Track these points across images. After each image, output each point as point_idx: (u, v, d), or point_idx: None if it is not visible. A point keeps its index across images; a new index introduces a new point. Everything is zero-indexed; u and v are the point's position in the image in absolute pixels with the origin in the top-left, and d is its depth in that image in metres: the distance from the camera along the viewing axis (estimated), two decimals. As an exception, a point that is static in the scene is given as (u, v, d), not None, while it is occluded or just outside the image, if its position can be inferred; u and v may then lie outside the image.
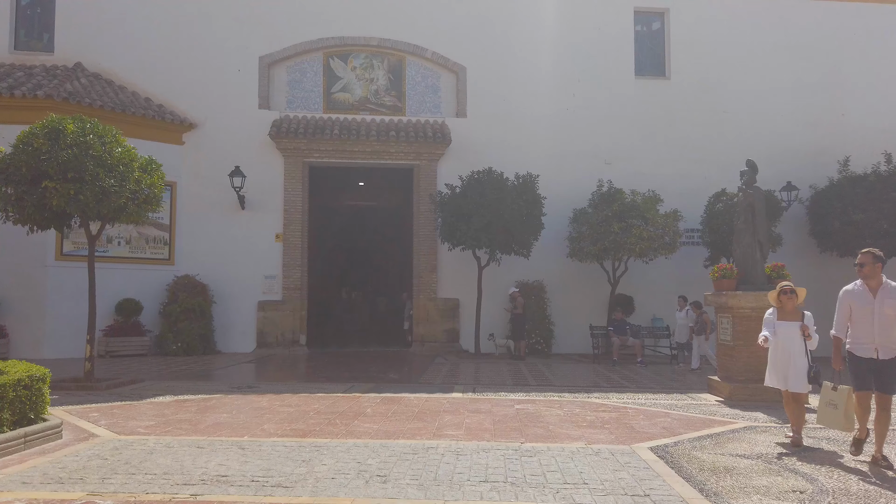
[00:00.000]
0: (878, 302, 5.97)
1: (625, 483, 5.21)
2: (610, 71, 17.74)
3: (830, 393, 6.26)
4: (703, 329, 13.90)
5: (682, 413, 8.56)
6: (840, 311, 6.27)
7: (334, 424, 7.47)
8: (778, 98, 17.90)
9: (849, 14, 18.23)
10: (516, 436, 6.96)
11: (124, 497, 4.78)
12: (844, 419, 6.12)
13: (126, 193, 9.90)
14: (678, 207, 15.87)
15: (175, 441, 6.56)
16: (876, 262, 6.05)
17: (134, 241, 15.86)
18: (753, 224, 10.14)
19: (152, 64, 16.61)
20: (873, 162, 16.38)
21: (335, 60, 17.50)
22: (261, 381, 11.50)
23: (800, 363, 6.71)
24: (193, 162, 16.53)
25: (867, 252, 6.16)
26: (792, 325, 6.83)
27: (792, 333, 6.79)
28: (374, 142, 16.65)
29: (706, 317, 13.87)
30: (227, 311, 16.21)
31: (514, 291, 15.51)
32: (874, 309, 5.98)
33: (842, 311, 6.24)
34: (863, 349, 6.05)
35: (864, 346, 6.04)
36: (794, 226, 17.01)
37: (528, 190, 15.40)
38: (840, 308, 6.28)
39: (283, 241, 16.70)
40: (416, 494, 4.87)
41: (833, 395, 6.22)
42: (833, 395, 6.22)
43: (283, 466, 5.60)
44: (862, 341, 6.06)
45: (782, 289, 6.96)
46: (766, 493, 5.03)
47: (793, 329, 6.81)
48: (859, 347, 6.08)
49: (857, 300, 6.11)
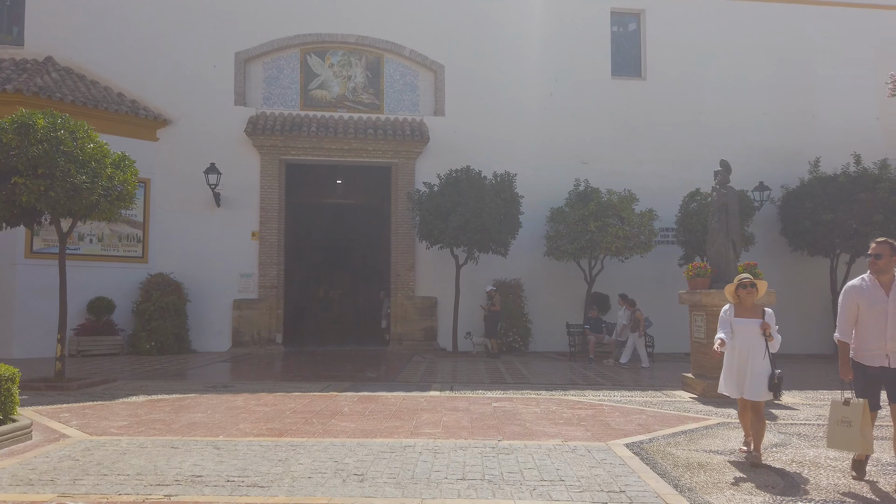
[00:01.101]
0: (893, 300, 5.11)
1: (601, 479, 5.26)
2: (587, 71, 17.87)
3: (842, 409, 5.19)
4: (636, 326, 14.11)
5: (656, 410, 8.67)
6: (845, 312, 5.28)
7: (311, 423, 7.42)
8: (751, 100, 18.19)
9: (820, 18, 18.58)
10: (494, 433, 6.98)
11: (96, 498, 4.70)
12: (862, 440, 5.09)
13: (98, 190, 9.73)
14: (653, 207, 16.05)
15: (148, 441, 6.47)
16: (894, 255, 5.14)
17: (106, 238, 15.60)
18: (727, 223, 10.29)
19: (126, 59, 16.35)
20: (843, 163, 16.74)
21: (312, 57, 17.38)
22: (236, 381, 11.39)
23: (759, 367, 5.84)
24: (168, 158, 16.30)
25: (884, 242, 5.22)
26: (751, 324, 5.95)
27: (751, 333, 5.92)
28: (351, 139, 16.58)
29: (639, 314, 14.15)
30: (203, 310, 16.03)
31: (491, 289, 15.58)
32: (888, 309, 5.09)
33: (847, 311, 5.26)
34: (871, 356, 5.16)
35: (872, 353, 5.15)
36: (766, 225, 17.30)
37: (506, 189, 15.45)
38: (845, 307, 5.29)
39: (259, 239, 16.55)
40: (393, 493, 4.86)
41: (845, 412, 5.16)
42: (845, 412, 5.16)
43: (258, 466, 5.56)
44: (870, 347, 5.15)
45: (741, 282, 6.09)
46: (739, 488, 5.11)
47: (752, 328, 5.93)
48: (867, 355, 5.19)
49: (866, 298, 5.17)
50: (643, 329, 14.17)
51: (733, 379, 6.03)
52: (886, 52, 17.75)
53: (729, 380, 6.10)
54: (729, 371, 6.09)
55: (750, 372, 5.87)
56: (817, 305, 17.53)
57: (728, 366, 6.09)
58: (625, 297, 14.78)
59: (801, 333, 17.39)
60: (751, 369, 5.87)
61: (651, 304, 16.56)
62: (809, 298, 17.55)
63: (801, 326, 17.36)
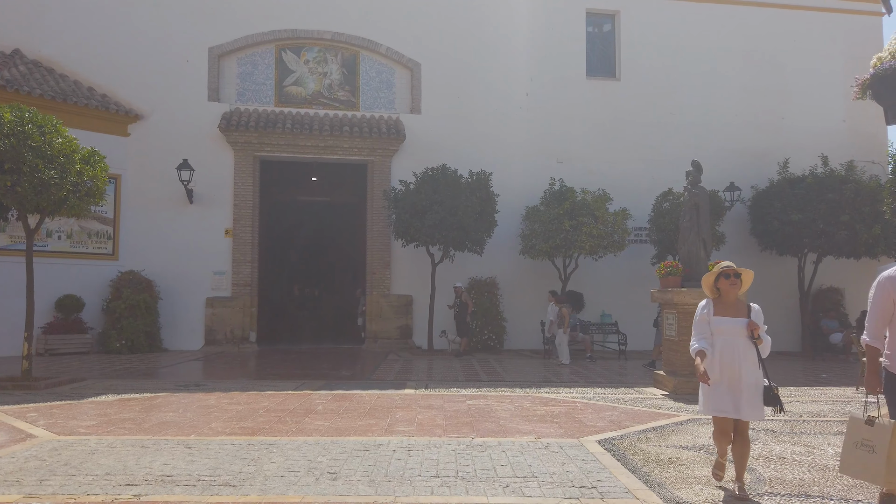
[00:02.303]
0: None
1: (573, 476, 5.32)
2: (562, 71, 17.99)
3: (863, 429, 4.14)
4: (562, 322, 14.26)
5: (628, 407, 8.78)
6: (878, 309, 4.23)
7: (284, 422, 7.38)
8: (722, 101, 18.48)
9: (790, 21, 18.95)
10: (468, 431, 7.01)
11: (63, 499, 4.63)
12: (886, 469, 4.01)
13: (67, 186, 9.55)
14: (627, 206, 16.23)
15: (118, 441, 6.38)
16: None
17: (75, 235, 15.32)
18: (698, 223, 10.46)
19: (96, 52, 16.05)
20: (811, 164, 17.10)
21: (287, 53, 17.25)
22: (209, 379, 11.27)
23: (752, 378, 4.71)
24: (139, 154, 16.05)
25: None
26: (735, 324, 4.82)
27: (735, 335, 4.80)
28: (327, 136, 16.49)
29: (565, 311, 14.27)
30: (175, 308, 15.82)
31: (458, 286, 15.54)
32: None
33: (881, 309, 4.21)
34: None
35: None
36: (736, 225, 17.61)
37: (482, 187, 15.50)
38: (878, 304, 4.23)
39: (232, 236, 16.39)
40: (366, 491, 4.87)
41: (868, 433, 4.11)
42: (868, 433, 4.11)
43: (230, 465, 5.52)
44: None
45: (723, 272, 4.94)
46: (708, 482, 5.20)
47: (736, 329, 4.80)
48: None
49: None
50: (567, 326, 14.26)
51: (723, 395, 4.76)
52: (854, 56, 18.15)
53: (715, 396, 4.80)
54: (716, 386, 4.79)
55: (745, 385, 4.70)
56: (785, 304, 17.87)
57: (713, 380, 4.81)
58: (554, 293, 14.92)
59: (770, 332, 17.46)
60: (745, 382, 4.70)
61: (624, 303, 16.79)
62: (778, 297, 17.85)
63: (770, 324, 17.52)
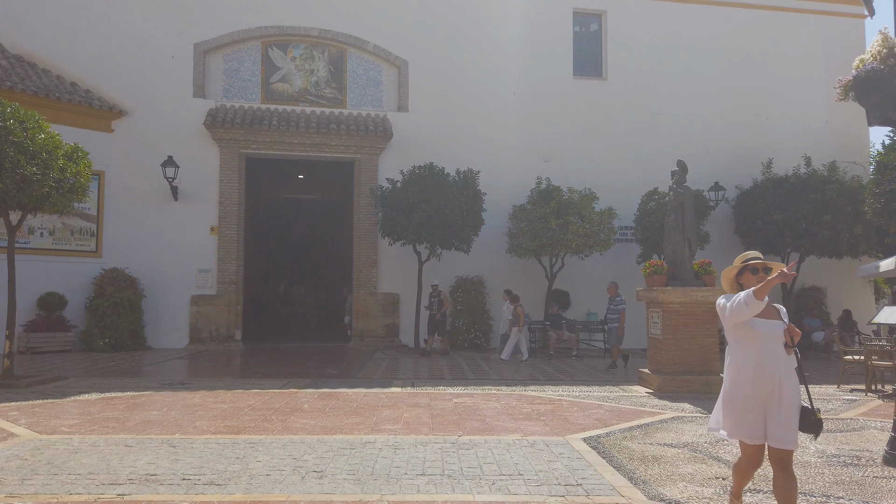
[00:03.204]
0: None
1: (558, 473, 5.34)
2: (549, 70, 18.04)
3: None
4: (517, 321, 14.33)
5: (614, 405, 8.83)
6: None
7: (270, 421, 7.35)
8: (707, 102, 18.62)
9: (774, 23, 19.13)
10: (454, 429, 7.02)
11: (45, 498, 4.58)
12: None
13: (49, 182, 9.45)
14: (613, 205, 16.31)
15: (101, 440, 6.32)
16: None
17: (58, 232, 15.14)
18: (683, 222, 10.53)
19: (79, 47, 15.87)
20: (794, 164, 17.30)
21: (274, 50, 17.14)
22: (193, 378, 11.19)
23: (791, 397, 3.77)
24: (123, 150, 15.90)
25: None
26: (773, 328, 3.84)
27: (774, 341, 3.82)
28: (314, 134, 16.42)
29: (520, 309, 14.37)
30: (159, 306, 15.69)
31: (436, 284, 15.27)
32: None
33: None
34: None
35: None
36: (720, 224, 17.76)
37: (469, 186, 15.51)
38: None
39: (218, 233, 16.27)
40: (352, 489, 4.86)
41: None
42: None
43: (215, 464, 5.49)
44: None
45: (749, 265, 4.08)
46: (691, 480, 5.25)
47: (775, 334, 3.82)
48: None
49: None
50: (522, 324, 14.32)
51: (749, 414, 3.81)
52: (836, 58, 18.33)
53: (747, 417, 3.82)
54: (742, 403, 3.83)
55: (779, 403, 3.75)
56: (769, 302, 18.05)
57: (735, 393, 3.87)
58: (509, 292, 14.98)
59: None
60: (780, 399, 3.75)
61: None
62: (761, 296, 18.06)
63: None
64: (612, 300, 13.09)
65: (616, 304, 12.95)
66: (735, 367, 3.91)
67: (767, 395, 3.78)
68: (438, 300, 15.10)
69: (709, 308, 10.05)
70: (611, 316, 13.06)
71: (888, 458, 5.74)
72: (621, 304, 12.91)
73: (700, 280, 10.31)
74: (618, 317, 12.85)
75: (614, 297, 13.05)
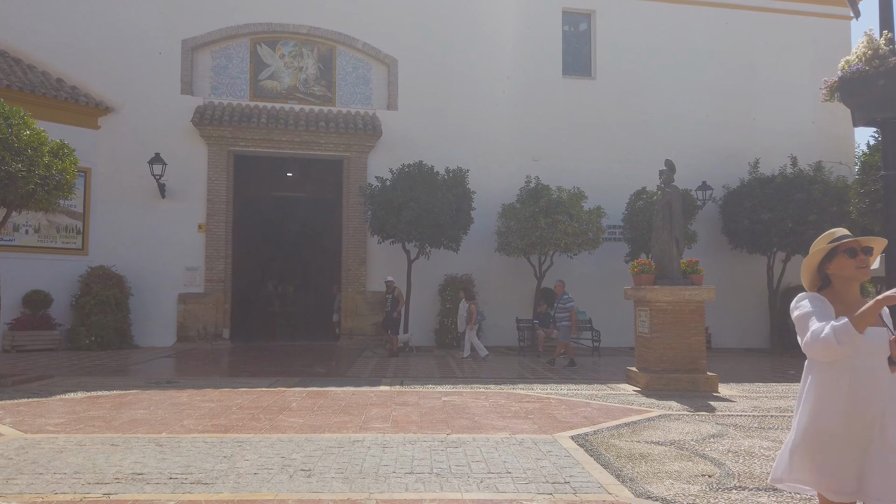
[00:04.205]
0: None
1: (546, 471, 5.36)
2: (539, 69, 18.08)
3: None
4: (470, 319, 14.33)
5: (601, 403, 8.88)
6: None
7: (258, 419, 7.33)
8: (695, 101, 18.73)
9: (761, 24, 19.26)
10: (442, 427, 7.03)
11: (31, 498, 4.54)
12: None
13: (34, 179, 9.36)
14: (601, 204, 16.37)
15: (87, 439, 6.28)
16: None
17: (44, 229, 15.00)
18: (671, 221, 10.58)
19: (65, 43, 15.71)
20: (780, 164, 17.44)
21: (263, 47, 17.06)
22: (181, 377, 11.13)
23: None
24: (110, 148, 15.77)
25: None
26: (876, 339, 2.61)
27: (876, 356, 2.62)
28: (302, 132, 16.36)
29: (473, 307, 14.35)
30: (146, 304, 15.59)
31: (389, 280, 14.74)
32: None
33: None
34: None
35: None
36: (707, 223, 17.87)
37: (459, 184, 15.52)
38: None
39: (206, 231, 16.19)
40: (340, 488, 4.86)
41: None
42: None
43: (203, 463, 5.46)
44: None
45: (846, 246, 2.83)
46: (678, 477, 5.29)
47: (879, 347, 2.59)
48: None
49: None
50: (475, 322, 14.26)
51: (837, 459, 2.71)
52: (822, 59, 18.49)
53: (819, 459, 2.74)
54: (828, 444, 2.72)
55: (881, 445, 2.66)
56: (755, 301, 18.23)
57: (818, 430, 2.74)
58: (466, 290, 14.94)
59: (740, 329, 18.13)
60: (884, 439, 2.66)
61: (598, 300, 16.94)
62: (747, 295, 18.23)
63: (739, 322, 18.08)
64: (559, 298, 13.12)
65: (564, 302, 12.99)
66: (818, 393, 2.76)
67: (865, 433, 2.68)
68: (393, 297, 14.41)
69: (696, 307, 10.13)
70: (559, 315, 13.07)
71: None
72: (569, 302, 12.94)
73: (687, 279, 10.38)
74: (567, 315, 12.88)
75: (561, 295, 13.09)
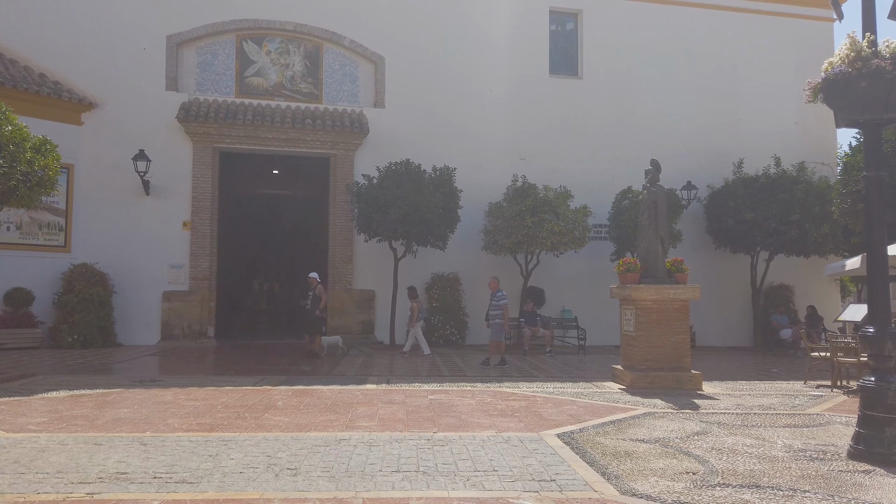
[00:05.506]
0: None
1: (532, 469, 5.39)
2: (526, 68, 18.12)
3: None
4: (412, 317, 14.31)
5: (587, 401, 8.92)
6: None
7: (243, 418, 7.29)
8: (680, 102, 18.87)
9: (746, 25, 19.44)
10: (429, 426, 7.04)
11: (12, 497, 4.49)
12: None
13: (16, 175, 9.25)
14: (587, 203, 16.46)
15: (70, 438, 6.22)
16: None
17: (26, 226, 14.82)
18: (656, 221, 10.65)
19: (48, 38, 15.52)
20: (764, 164, 17.63)
21: (249, 44, 16.95)
22: (165, 375, 11.05)
23: None
24: (93, 144, 15.60)
25: None
26: None
27: None
28: (289, 129, 16.28)
29: (415, 305, 14.28)
30: (130, 302, 15.45)
31: (313, 276, 14.02)
32: None
33: None
34: None
35: None
36: (692, 223, 18.02)
37: (446, 183, 15.52)
38: None
39: (190, 229, 16.06)
40: (327, 486, 4.85)
41: None
42: None
43: (187, 462, 5.43)
44: None
45: None
46: (663, 474, 5.33)
47: None
48: None
49: None
50: (415, 319, 14.16)
51: None
52: (806, 61, 18.69)
53: None
54: None
55: None
56: (738, 300, 18.41)
57: None
58: (411, 289, 14.78)
59: (723, 327, 18.30)
60: None
61: (584, 299, 17.03)
62: (731, 294, 18.40)
63: (723, 320, 18.26)
64: (493, 295, 12.77)
65: (497, 299, 12.64)
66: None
67: None
68: (314, 295, 13.76)
69: (681, 305, 10.21)
70: (493, 312, 12.66)
71: (852, 452, 5.89)
72: (503, 300, 12.63)
73: (673, 278, 10.45)
74: (500, 312, 12.55)
75: (496, 292, 12.76)
